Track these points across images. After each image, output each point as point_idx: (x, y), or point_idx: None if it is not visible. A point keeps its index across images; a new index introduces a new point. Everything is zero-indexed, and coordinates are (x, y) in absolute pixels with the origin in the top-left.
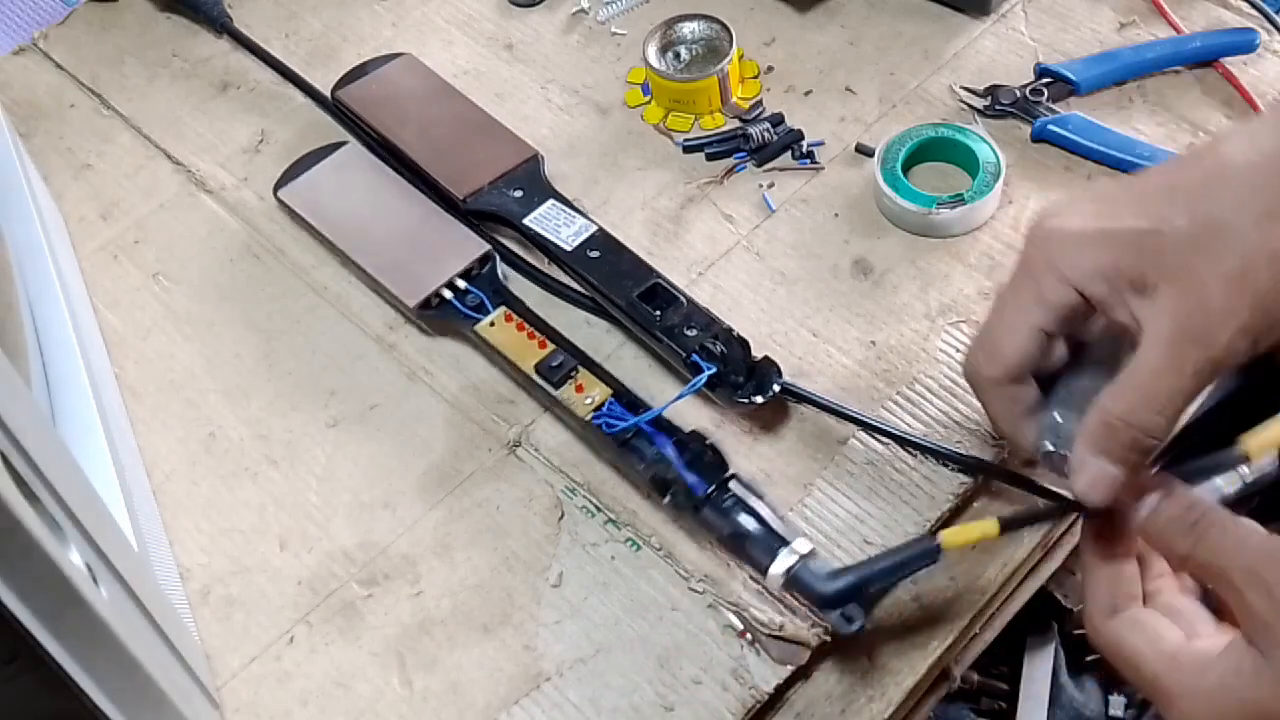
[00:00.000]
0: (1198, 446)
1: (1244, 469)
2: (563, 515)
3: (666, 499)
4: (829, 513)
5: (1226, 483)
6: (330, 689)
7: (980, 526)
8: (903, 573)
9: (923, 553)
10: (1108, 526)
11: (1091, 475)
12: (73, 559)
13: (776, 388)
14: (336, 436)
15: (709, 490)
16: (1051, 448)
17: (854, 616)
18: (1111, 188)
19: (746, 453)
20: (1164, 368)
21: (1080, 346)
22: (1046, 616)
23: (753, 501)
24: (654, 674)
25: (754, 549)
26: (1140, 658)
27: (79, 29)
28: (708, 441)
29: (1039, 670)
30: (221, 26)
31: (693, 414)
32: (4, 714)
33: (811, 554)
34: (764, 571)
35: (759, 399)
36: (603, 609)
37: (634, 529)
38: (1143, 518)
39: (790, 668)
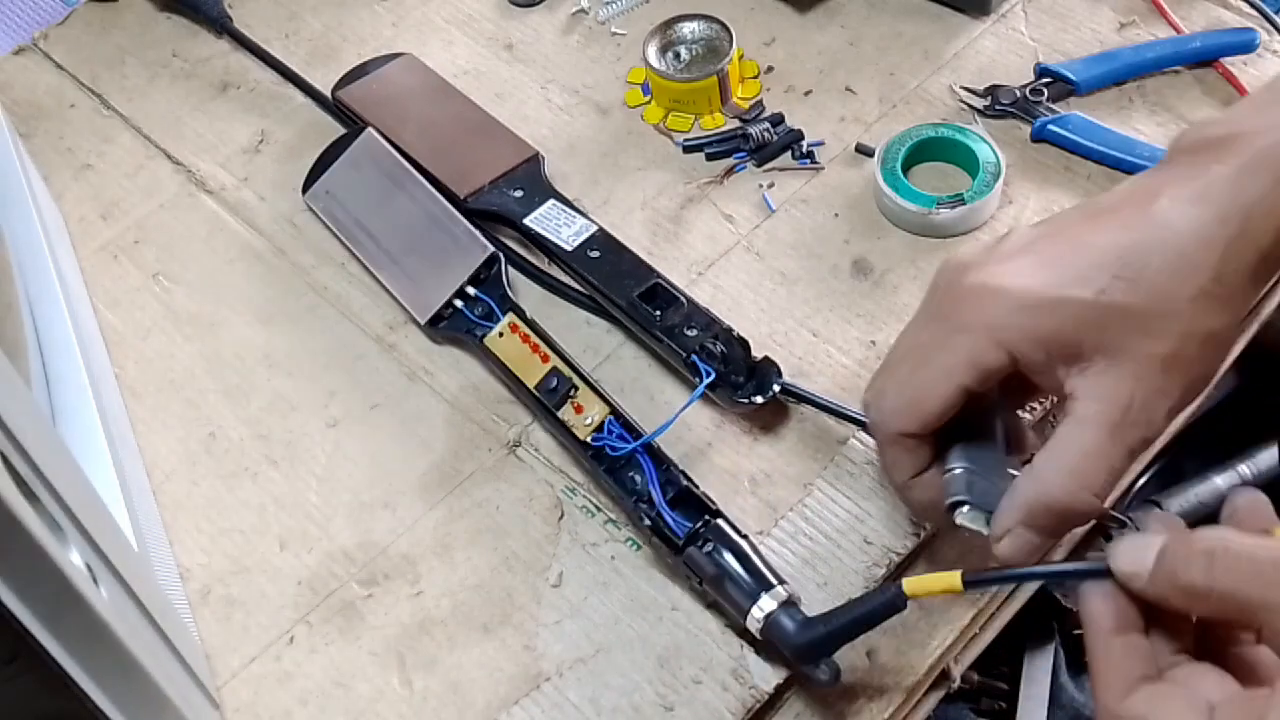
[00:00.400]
0: (1198, 446)
1: (1243, 468)
2: (563, 515)
3: (654, 539)
4: (829, 513)
5: (1226, 482)
6: (330, 689)
7: (944, 578)
8: (872, 623)
9: (889, 602)
10: (1109, 596)
11: (1018, 544)
12: (73, 559)
13: (776, 388)
14: (336, 436)
15: (692, 529)
16: (964, 500)
17: (829, 668)
18: (1046, 238)
19: (746, 453)
20: (1102, 450)
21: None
22: (1046, 616)
23: (736, 544)
24: (654, 674)
25: (733, 594)
26: None
27: (79, 29)
28: (688, 484)
29: (1039, 670)
30: (221, 26)
31: (693, 414)
32: (4, 714)
33: (790, 602)
34: (743, 616)
35: (759, 399)
36: (603, 609)
37: (634, 529)
38: (1150, 565)
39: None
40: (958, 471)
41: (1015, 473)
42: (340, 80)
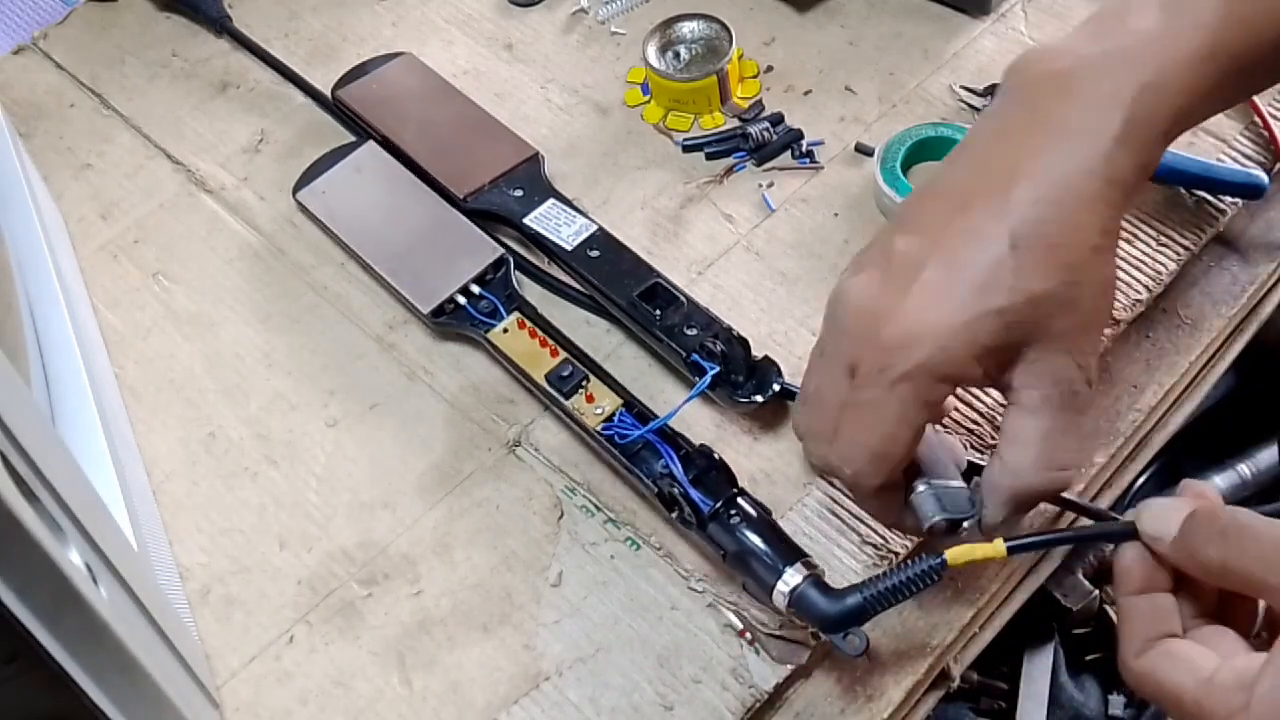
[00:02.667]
0: (1198, 446)
1: (1243, 468)
2: (562, 515)
3: (674, 514)
4: (828, 512)
5: (1226, 482)
6: (330, 689)
7: (987, 547)
8: (908, 592)
9: (928, 570)
10: (1140, 557)
11: (1010, 528)
12: (73, 559)
13: (777, 387)
14: (336, 436)
15: (714, 507)
16: (943, 518)
17: (859, 639)
18: (932, 252)
19: (746, 453)
20: (1061, 429)
21: None
22: (1046, 616)
23: (759, 519)
24: (654, 673)
25: (758, 568)
26: (1180, 688)
27: (79, 29)
28: (715, 457)
29: (1039, 670)
30: (221, 26)
31: (693, 414)
32: (4, 714)
33: (816, 575)
34: (769, 592)
35: (759, 399)
36: (602, 608)
37: (634, 528)
38: (1175, 531)
39: (790, 667)
40: (922, 490)
41: (960, 464)
42: (340, 80)
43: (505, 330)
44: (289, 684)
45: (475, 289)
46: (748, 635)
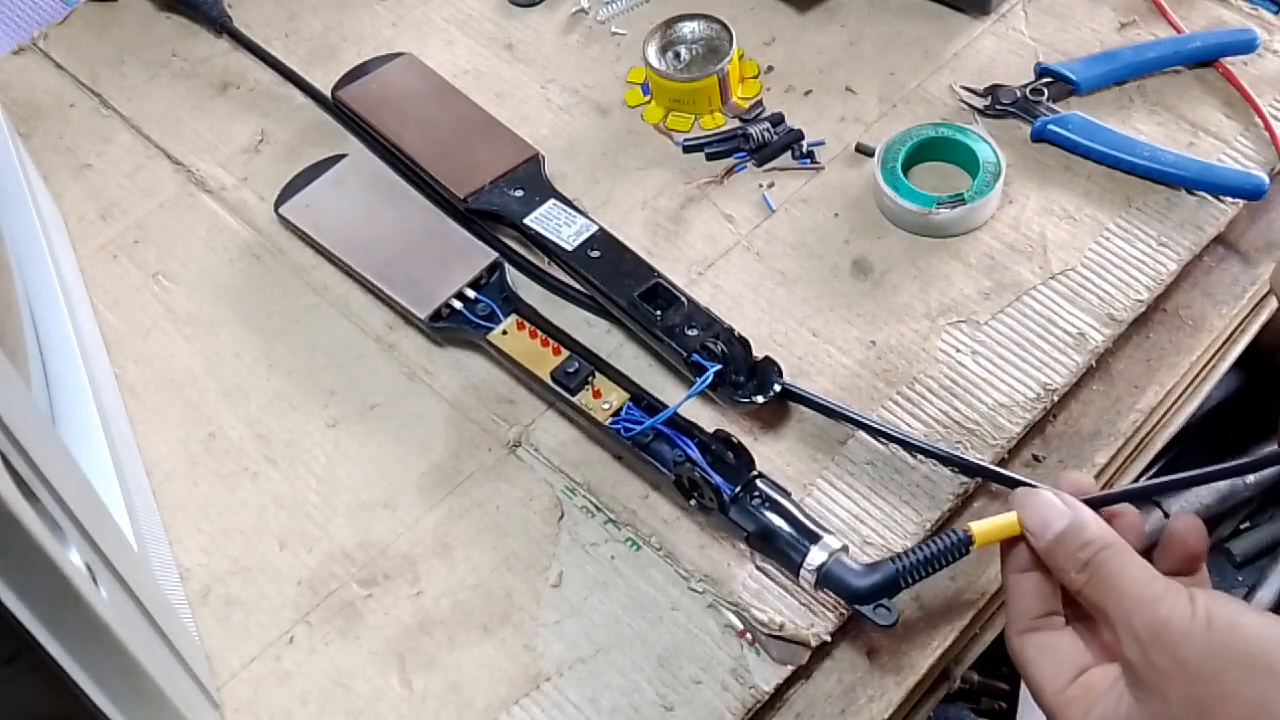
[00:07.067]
0: (1198, 446)
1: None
2: (562, 515)
3: (692, 501)
4: (829, 512)
5: (1227, 482)
6: (330, 689)
7: (1006, 519)
8: (936, 566)
9: (955, 545)
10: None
11: None
12: (73, 559)
13: (777, 388)
14: (336, 436)
15: (736, 490)
16: None
17: (890, 609)
18: None
19: None
20: None
21: None
22: None
23: (780, 500)
24: (654, 674)
25: (784, 547)
26: (1041, 686)
27: (79, 29)
28: (734, 440)
29: None
30: (221, 26)
31: (694, 414)
32: (4, 714)
33: (843, 550)
34: (796, 569)
35: (760, 399)
36: (602, 609)
37: (634, 529)
38: (1045, 542)
39: (790, 668)
40: None
41: None
42: (340, 80)
43: (505, 332)
44: (289, 684)
45: (471, 293)
46: (748, 635)
